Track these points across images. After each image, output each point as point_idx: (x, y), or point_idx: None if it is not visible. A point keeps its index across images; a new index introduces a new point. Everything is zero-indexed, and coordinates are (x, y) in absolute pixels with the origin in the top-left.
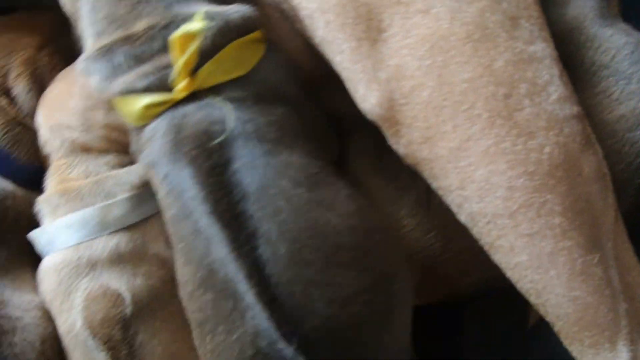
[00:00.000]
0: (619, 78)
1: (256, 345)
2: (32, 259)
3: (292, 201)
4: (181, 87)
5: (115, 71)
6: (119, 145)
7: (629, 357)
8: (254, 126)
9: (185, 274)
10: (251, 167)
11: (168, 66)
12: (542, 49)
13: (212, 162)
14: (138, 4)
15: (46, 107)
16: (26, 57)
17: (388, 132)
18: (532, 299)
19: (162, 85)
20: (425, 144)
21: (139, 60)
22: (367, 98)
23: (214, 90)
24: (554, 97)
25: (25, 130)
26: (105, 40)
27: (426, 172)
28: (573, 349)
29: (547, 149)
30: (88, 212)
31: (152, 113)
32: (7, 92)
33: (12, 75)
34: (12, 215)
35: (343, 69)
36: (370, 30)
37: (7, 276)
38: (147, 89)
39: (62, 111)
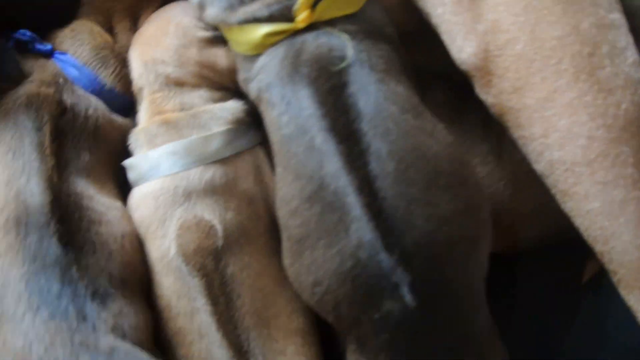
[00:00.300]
0: None
1: (356, 257)
2: (112, 174)
3: (400, 125)
4: (302, 18)
5: (238, 2)
6: (210, 82)
7: None
8: (367, 56)
9: (291, 191)
10: (365, 92)
11: None
12: (619, 18)
13: (330, 84)
14: None
15: (141, 44)
16: (129, 1)
17: (480, 82)
18: (599, 247)
19: (284, 15)
20: (515, 94)
21: None
22: (464, 48)
23: (330, 23)
24: (630, 60)
25: (125, 65)
26: None
27: (512, 121)
28: (631, 297)
29: (623, 106)
30: (193, 141)
31: (271, 41)
32: (110, 30)
33: (116, 17)
34: (99, 129)
35: (443, 21)
36: None
37: (91, 177)
38: (270, 19)
39: (157, 48)
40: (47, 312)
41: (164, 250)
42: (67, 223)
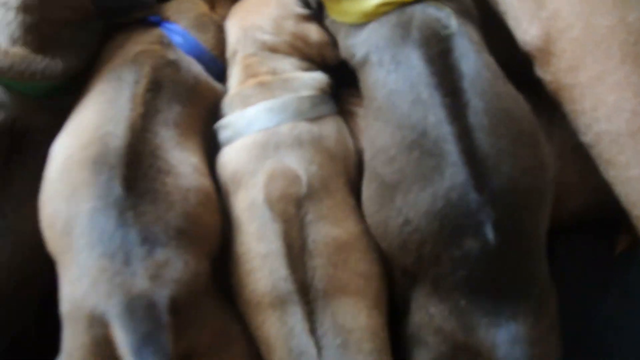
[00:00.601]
0: None
1: (448, 198)
2: (197, 132)
3: (493, 88)
4: None
5: None
6: (300, 53)
7: None
8: (465, 28)
9: (391, 140)
10: (466, 58)
11: None
12: None
13: (438, 48)
14: None
15: (243, 11)
16: None
17: (540, 61)
18: (636, 211)
19: None
20: (570, 72)
21: None
22: (529, 31)
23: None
24: None
25: (221, 32)
26: None
27: (566, 97)
28: None
29: None
30: (287, 100)
31: (382, 11)
32: (211, 1)
33: None
34: (196, 86)
35: (510, 8)
36: None
37: (176, 130)
38: None
39: (257, 15)
40: (100, 250)
41: (252, 199)
42: (136, 169)
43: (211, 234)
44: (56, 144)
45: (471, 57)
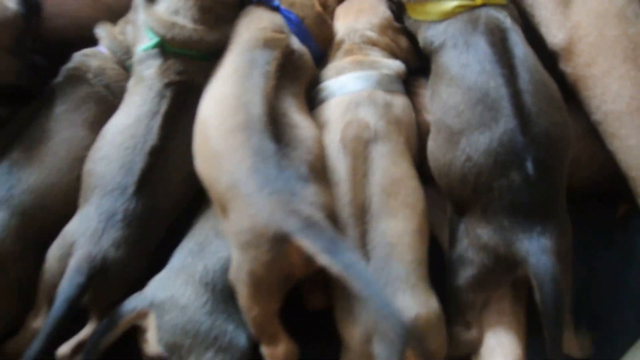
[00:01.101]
0: None
1: (501, 140)
2: (304, 101)
3: (535, 66)
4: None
5: None
6: (392, 52)
7: None
8: (515, 26)
9: (460, 99)
10: (517, 45)
11: None
12: None
13: (498, 37)
14: None
15: (353, 14)
16: None
17: (564, 58)
18: (633, 172)
19: None
20: (586, 67)
21: None
22: (557, 36)
23: (493, 6)
24: None
25: (327, 26)
26: None
27: (582, 85)
28: None
29: None
30: (372, 73)
31: (456, 11)
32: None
33: None
34: (308, 70)
35: (543, 19)
36: None
37: (295, 99)
38: None
39: (366, 19)
40: (269, 189)
41: (332, 138)
42: (276, 128)
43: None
44: (203, 106)
45: (520, 44)
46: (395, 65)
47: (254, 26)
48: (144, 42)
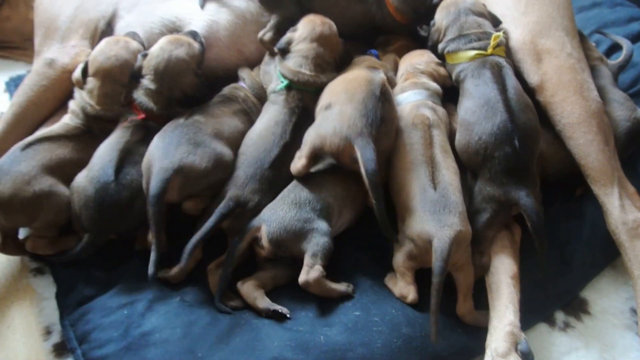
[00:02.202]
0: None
1: (499, 126)
2: None
3: (519, 88)
4: (490, 51)
5: (465, 43)
6: (434, 78)
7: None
8: (508, 65)
9: (475, 109)
10: (508, 75)
11: (487, 40)
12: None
13: (497, 70)
14: (468, 27)
15: (410, 58)
16: (400, 44)
17: (537, 92)
18: (582, 161)
19: (483, 47)
20: (551, 97)
21: (474, 40)
22: (534, 78)
23: (498, 56)
24: (594, 94)
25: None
26: (462, 32)
27: (549, 108)
28: (595, 187)
29: (592, 105)
30: (424, 91)
31: (474, 57)
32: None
33: (390, 48)
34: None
35: (524, 65)
36: (538, 53)
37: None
38: (475, 48)
39: (419, 60)
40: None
41: (404, 125)
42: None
43: None
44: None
45: (510, 75)
46: (436, 87)
47: (360, 63)
48: (277, 82)
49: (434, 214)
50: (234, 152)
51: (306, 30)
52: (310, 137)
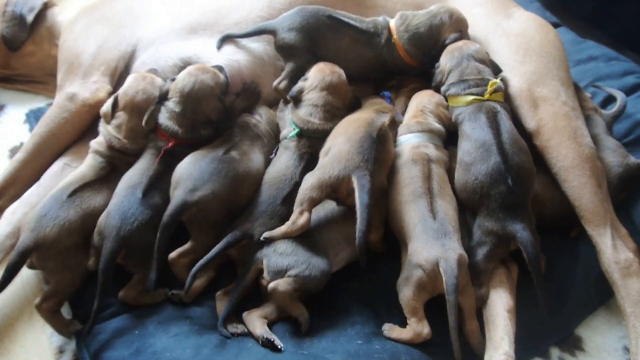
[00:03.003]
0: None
1: (493, 167)
2: None
3: (513, 131)
4: (486, 97)
5: (464, 88)
6: (440, 119)
7: (611, 234)
8: (504, 111)
9: (472, 150)
10: (502, 119)
11: (484, 86)
12: (583, 123)
13: (492, 114)
14: (468, 73)
15: (421, 98)
16: (413, 87)
17: (533, 136)
18: (577, 202)
19: (480, 94)
20: (547, 141)
21: (473, 85)
22: (530, 123)
23: (494, 101)
24: (588, 139)
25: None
26: (462, 77)
27: (545, 152)
28: (589, 228)
29: (586, 150)
30: (427, 133)
31: (472, 102)
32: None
33: (403, 90)
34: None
35: (522, 110)
36: (535, 100)
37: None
38: (476, 94)
39: (428, 100)
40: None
41: (405, 160)
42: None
43: None
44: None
45: (505, 119)
46: (440, 128)
47: (371, 106)
48: (290, 130)
49: (437, 240)
50: (256, 187)
51: (316, 79)
52: (309, 184)
